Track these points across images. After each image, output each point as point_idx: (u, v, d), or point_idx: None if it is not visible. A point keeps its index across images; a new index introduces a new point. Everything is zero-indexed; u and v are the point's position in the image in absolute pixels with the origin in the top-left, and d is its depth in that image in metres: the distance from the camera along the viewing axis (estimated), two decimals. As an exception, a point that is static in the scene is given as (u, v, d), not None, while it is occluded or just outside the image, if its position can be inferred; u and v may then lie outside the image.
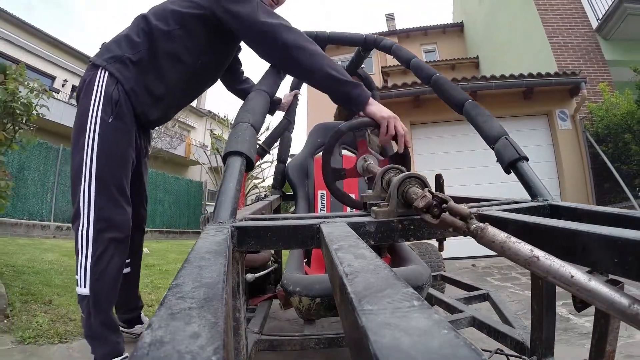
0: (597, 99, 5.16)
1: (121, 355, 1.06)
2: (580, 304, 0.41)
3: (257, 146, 1.48)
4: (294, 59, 0.92)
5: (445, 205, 0.43)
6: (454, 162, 4.78)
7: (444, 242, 0.76)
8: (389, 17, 13.13)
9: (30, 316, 1.56)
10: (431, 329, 0.16)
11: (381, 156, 0.96)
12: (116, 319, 1.13)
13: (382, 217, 0.56)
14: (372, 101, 0.93)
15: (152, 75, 1.11)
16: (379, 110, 0.92)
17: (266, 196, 1.67)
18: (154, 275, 2.97)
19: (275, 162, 2.12)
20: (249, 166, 0.69)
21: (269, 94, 0.90)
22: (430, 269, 1.04)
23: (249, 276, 1.34)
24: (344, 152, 1.70)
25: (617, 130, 4.39)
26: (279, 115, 1.85)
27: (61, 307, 1.71)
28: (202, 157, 12.58)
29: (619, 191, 4.31)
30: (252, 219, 0.58)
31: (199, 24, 1.10)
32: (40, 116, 2.03)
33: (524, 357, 0.86)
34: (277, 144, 1.87)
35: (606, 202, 4.48)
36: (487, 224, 0.38)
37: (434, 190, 0.49)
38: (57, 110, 8.25)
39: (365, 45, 1.45)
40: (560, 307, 2.17)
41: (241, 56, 1.56)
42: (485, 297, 1.42)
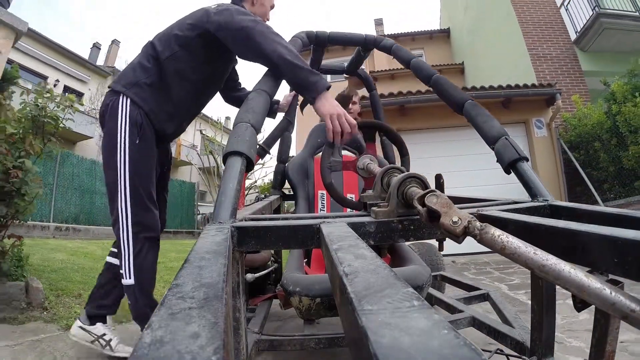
0: (573, 108, 5.50)
1: None
2: (580, 304, 0.41)
3: (257, 146, 1.48)
4: (257, 43, 1.02)
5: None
6: (439, 166, 5.02)
7: (444, 242, 0.76)
8: (378, 22, 13.08)
9: (66, 308, 1.76)
10: (431, 329, 0.16)
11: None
12: (156, 301, 1.26)
13: (382, 217, 0.56)
14: (325, 95, 0.96)
15: (164, 94, 1.26)
16: (323, 105, 0.95)
17: (265, 196, 1.67)
18: (161, 271, 3.21)
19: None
20: (249, 166, 0.69)
21: (269, 94, 0.90)
22: (430, 269, 1.04)
23: (249, 276, 1.34)
24: (344, 152, 1.70)
25: (588, 138, 4.77)
26: (279, 115, 1.85)
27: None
28: (194, 157, 12.65)
29: (589, 195, 4.63)
30: (252, 219, 0.58)
31: (198, 42, 1.24)
32: (66, 128, 2.16)
33: (524, 357, 0.86)
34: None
35: (577, 204, 4.95)
36: (487, 224, 0.38)
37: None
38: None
39: (365, 45, 1.45)
40: (522, 294, 2.23)
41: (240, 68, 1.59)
42: (485, 297, 1.42)
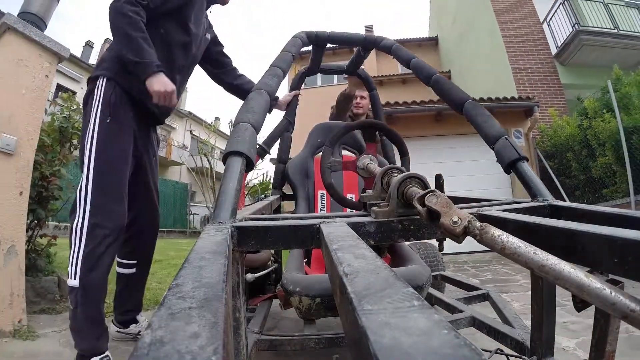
0: (550, 120, 5.84)
1: (102, 353, 1.08)
2: (580, 304, 0.41)
3: (257, 146, 1.48)
4: (110, 22, 1.12)
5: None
6: (425, 172, 5.25)
7: (444, 242, 0.76)
8: (368, 29, 13.11)
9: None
10: (431, 329, 0.16)
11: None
12: (103, 313, 1.15)
13: (382, 217, 0.56)
14: (159, 75, 1.12)
15: None
16: (151, 83, 1.11)
17: (266, 196, 1.67)
18: (165, 269, 3.35)
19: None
20: (249, 166, 0.69)
21: (269, 94, 0.90)
22: (430, 269, 1.04)
23: (249, 276, 1.34)
24: (344, 152, 1.70)
25: (562, 149, 5.18)
26: (279, 115, 1.85)
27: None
28: (183, 154, 12.75)
29: (562, 200, 5.03)
30: (252, 219, 0.58)
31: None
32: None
33: (524, 357, 0.85)
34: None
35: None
36: (487, 224, 0.38)
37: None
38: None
39: (365, 45, 1.45)
40: (491, 287, 2.26)
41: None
42: (485, 297, 1.42)
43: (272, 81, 0.93)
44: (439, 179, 1.01)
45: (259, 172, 9.64)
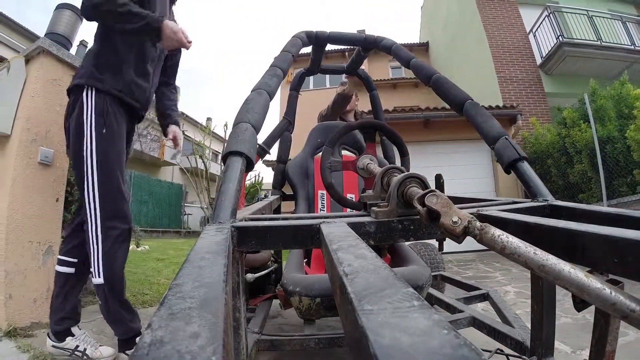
0: (532, 128, 6.07)
1: (139, 332, 1.23)
2: (580, 304, 0.41)
3: (257, 146, 1.48)
4: (94, 16, 1.17)
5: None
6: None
7: (444, 242, 0.76)
8: (361, 33, 13.20)
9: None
10: (431, 329, 0.16)
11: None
12: (128, 301, 1.26)
13: (382, 217, 0.56)
14: (165, 22, 1.18)
15: (108, 49, 1.27)
16: (165, 31, 1.18)
17: (266, 196, 1.67)
18: (169, 267, 3.45)
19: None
20: (249, 166, 0.69)
21: (269, 94, 0.90)
22: (430, 269, 1.04)
23: (249, 276, 1.34)
24: (344, 152, 1.70)
25: (542, 155, 5.44)
26: (278, 115, 1.85)
27: (131, 288, 2.32)
28: (178, 156, 12.69)
29: None
30: (252, 219, 0.58)
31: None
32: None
33: (524, 357, 0.85)
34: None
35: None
36: (487, 224, 0.38)
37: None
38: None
39: (365, 45, 1.45)
40: (472, 282, 2.28)
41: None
42: (485, 297, 1.42)
43: (272, 81, 0.93)
44: (439, 179, 1.01)
45: (250, 173, 9.56)
